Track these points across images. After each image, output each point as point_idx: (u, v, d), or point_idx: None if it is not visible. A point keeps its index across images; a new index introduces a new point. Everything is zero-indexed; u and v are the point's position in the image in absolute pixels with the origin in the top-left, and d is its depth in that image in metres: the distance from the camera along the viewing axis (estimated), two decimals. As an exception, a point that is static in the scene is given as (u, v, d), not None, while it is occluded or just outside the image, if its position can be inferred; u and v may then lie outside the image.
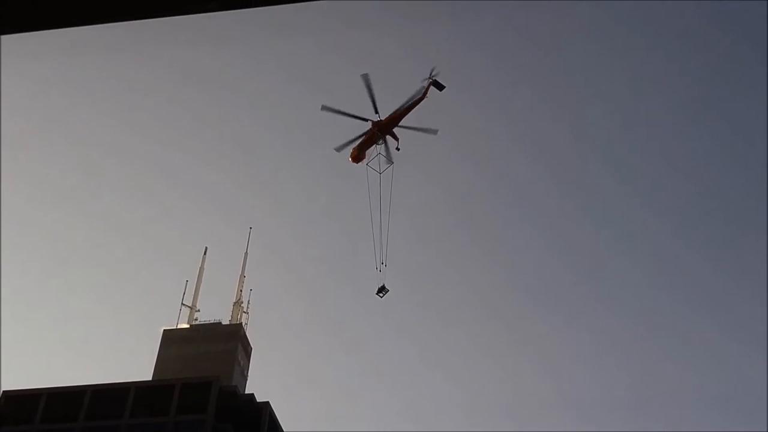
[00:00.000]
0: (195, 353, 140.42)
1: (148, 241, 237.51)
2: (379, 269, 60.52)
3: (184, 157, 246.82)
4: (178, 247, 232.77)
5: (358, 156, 60.60)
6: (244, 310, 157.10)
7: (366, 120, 59.09)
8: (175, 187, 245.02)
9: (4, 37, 6.14)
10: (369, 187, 61.00)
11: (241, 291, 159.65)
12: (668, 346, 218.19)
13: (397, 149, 60.20)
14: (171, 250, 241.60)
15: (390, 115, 59.46)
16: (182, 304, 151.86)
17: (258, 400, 76.24)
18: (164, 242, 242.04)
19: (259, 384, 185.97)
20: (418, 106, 59.53)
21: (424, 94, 58.91)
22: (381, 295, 60.99)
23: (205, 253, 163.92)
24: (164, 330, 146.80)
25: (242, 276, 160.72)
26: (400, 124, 59.96)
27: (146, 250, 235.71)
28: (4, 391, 76.37)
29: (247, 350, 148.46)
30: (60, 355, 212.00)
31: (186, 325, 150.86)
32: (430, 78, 58.67)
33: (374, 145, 60.31)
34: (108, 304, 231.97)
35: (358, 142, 60.03)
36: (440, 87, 59.13)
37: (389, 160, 60.48)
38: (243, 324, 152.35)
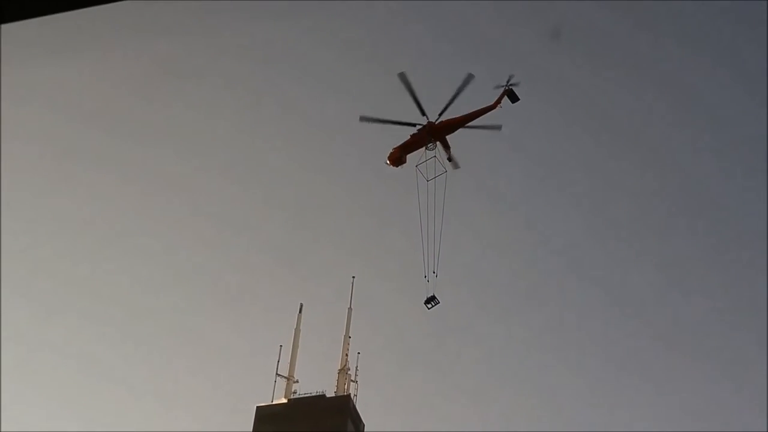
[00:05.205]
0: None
1: (234, 302, 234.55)
2: (427, 278, 60.35)
3: (269, 210, 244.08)
4: (268, 307, 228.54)
5: (399, 158, 59.51)
6: (352, 378, 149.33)
7: (414, 125, 57.92)
8: (259, 238, 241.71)
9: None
10: (418, 190, 60.65)
11: (346, 355, 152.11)
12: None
13: (449, 159, 59.49)
14: (261, 310, 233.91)
15: (449, 119, 58.05)
16: (277, 374, 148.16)
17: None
18: (252, 302, 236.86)
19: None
20: (485, 115, 58.27)
21: (496, 102, 57.36)
22: (429, 306, 60.73)
23: (300, 311, 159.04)
24: (258, 407, 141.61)
25: (347, 336, 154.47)
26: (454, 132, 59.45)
27: (233, 313, 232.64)
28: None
29: (359, 426, 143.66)
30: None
31: (283, 400, 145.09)
32: (505, 86, 57.35)
33: (421, 150, 59.69)
34: (195, 377, 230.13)
35: (402, 143, 59.19)
36: (514, 98, 57.59)
37: (443, 167, 59.81)
38: (352, 395, 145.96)
